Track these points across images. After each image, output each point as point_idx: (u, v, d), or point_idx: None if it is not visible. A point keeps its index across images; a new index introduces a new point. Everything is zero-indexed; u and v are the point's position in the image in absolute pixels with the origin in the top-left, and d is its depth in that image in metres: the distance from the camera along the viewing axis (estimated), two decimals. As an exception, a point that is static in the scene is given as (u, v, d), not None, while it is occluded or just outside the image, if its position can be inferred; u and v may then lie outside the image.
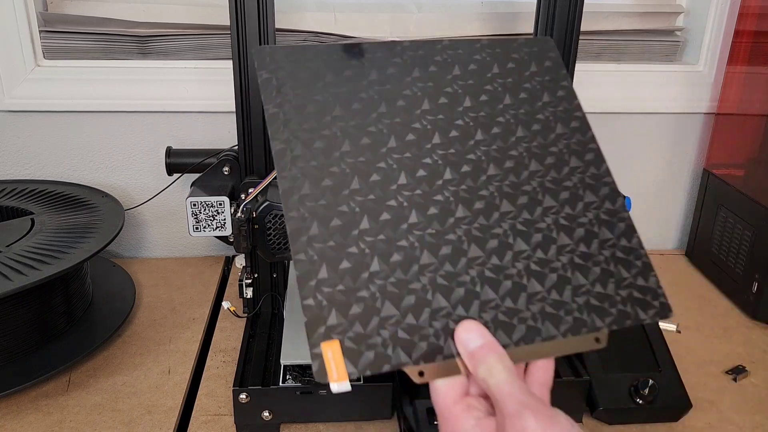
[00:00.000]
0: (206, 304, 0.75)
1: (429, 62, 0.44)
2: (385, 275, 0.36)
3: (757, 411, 0.60)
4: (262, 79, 0.41)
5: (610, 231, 0.40)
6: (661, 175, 0.92)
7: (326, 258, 0.35)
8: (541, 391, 0.37)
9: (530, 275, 0.37)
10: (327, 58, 0.43)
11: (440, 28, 0.84)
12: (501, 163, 0.41)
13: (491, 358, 0.34)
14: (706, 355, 0.69)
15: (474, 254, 0.37)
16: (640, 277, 0.39)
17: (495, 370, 0.34)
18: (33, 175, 0.83)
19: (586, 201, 0.41)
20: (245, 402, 0.54)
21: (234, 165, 0.66)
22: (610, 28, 0.86)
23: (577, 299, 0.37)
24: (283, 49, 0.42)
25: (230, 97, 0.63)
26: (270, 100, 0.41)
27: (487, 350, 0.34)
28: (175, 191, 0.81)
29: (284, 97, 0.41)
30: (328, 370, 0.33)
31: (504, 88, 0.44)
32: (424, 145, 0.40)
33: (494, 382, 0.34)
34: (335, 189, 0.38)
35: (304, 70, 0.42)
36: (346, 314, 0.34)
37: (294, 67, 0.42)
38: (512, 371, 0.34)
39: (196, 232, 0.63)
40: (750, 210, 0.76)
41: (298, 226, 0.36)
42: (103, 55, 0.81)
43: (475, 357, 0.34)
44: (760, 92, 0.77)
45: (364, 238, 0.36)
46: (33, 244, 0.63)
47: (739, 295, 0.78)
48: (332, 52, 0.43)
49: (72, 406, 0.58)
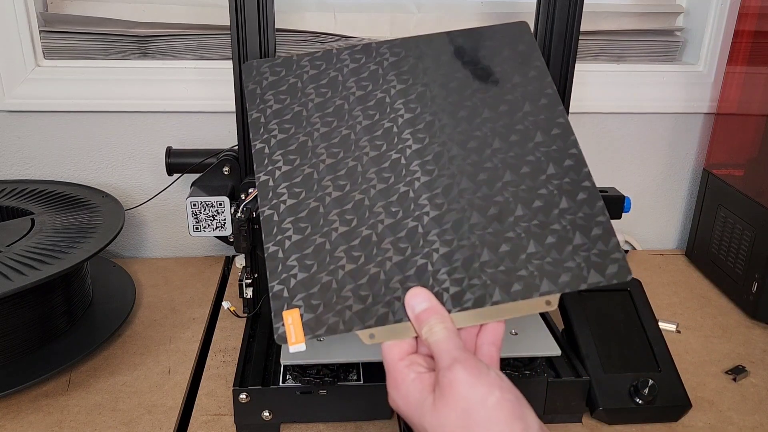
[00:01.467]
0: (206, 304, 0.75)
1: (403, 63, 0.47)
2: (346, 258, 0.40)
3: (757, 411, 0.60)
4: (248, 90, 0.47)
5: (570, 200, 0.42)
6: (661, 176, 0.92)
7: (294, 246, 0.41)
8: (490, 350, 0.40)
9: (484, 245, 0.41)
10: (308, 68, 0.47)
11: (440, 27, 0.84)
12: (464, 144, 0.44)
13: (433, 318, 0.38)
14: (705, 355, 0.69)
15: (429, 231, 0.41)
16: (600, 242, 0.40)
17: (435, 329, 0.38)
18: (33, 175, 0.83)
19: (548, 173, 0.43)
20: (245, 402, 0.54)
21: (234, 165, 0.66)
22: (609, 28, 0.86)
23: (529, 265, 0.40)
24: (266, 61, 0.48)
25: (230, 97, 0.63)
26: (253, 107, 0.46)
27: (430, 312, 0.39)
28: (175, 191, 0.81)
29: (266, 104, 0.46)
30: (288, 335, 0.39)
31: (474, 74, 0.47)
32: (393, 140, 0.44)
33: (434, 339, 0.38)
34: (307, 185, 0.43)
35: (284, 80, 0.47)
36: (307, 290, 0.40)
37: (276, 78, 0.47)
38: (451, 330, 0.38)
39: (197, 232, 0.63)
40: (750, 210, 0.76)
41: (271, 219, 0.42)
42: (103, 55, 0.81)
43: (419, 319, 0.39)
44: (760, 92, 0.77)
45: (331, 227, 0.41)
46: (33, 244, 0.63)
47: (739, 295, 0.78)
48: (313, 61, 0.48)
49: (72, 406, 0.58)
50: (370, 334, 0.39)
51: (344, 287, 0.40)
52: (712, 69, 0.87)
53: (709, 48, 0.86)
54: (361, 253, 0.41)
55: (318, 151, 0.44)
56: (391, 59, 0.47)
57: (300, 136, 0.44)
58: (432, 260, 0.40)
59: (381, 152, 0.44)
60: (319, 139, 0.44)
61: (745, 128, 0.79)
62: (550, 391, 0.57)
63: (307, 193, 0.42)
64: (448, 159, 0.43)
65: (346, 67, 0.47)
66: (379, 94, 0.46)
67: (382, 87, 0.46)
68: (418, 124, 0.45)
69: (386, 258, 0.40)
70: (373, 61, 0.47)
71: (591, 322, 0.62)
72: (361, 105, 0.45)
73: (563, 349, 0.59)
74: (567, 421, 0.58)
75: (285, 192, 0.43)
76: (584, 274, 0.40)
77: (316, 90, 0.46)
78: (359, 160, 0.43)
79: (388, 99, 0.45)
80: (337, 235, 0.41)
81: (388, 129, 0.44)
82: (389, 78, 0.46)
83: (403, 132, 0.44)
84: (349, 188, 0.42)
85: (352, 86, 0.46)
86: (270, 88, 0.47)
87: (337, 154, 0.44)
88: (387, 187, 0.43)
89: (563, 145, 0.43)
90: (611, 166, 0.91)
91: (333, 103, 0.46)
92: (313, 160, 0.44)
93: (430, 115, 0.45)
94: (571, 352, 0.61)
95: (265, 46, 0.60)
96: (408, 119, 0.45)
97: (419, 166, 0.43)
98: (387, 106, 0.45)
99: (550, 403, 0.57)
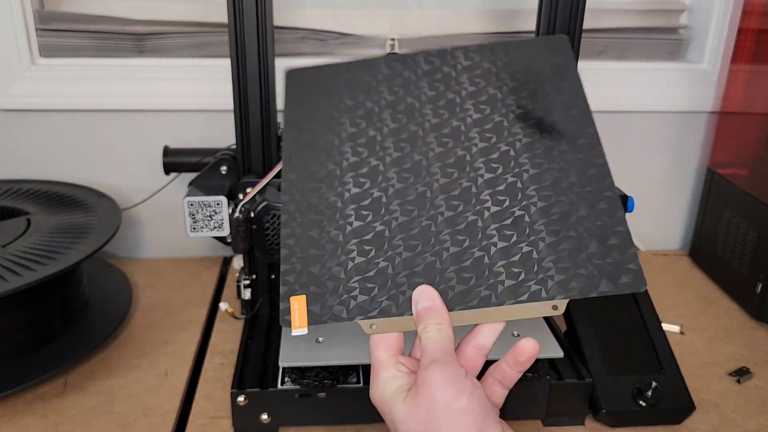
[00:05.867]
0: (203, 306, 0.75)
1: (437, 71, 0.49)
2: (357, 251, 0.42)
3: (761, 413, 0.60)
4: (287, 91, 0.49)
5: (590, 208, 0.42)
6: (665, 175, 0.92)
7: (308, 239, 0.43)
8: (474, 353, 0.41)
9: (495, 248, 0.41)
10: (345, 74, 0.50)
11: (441, 24, 0.83)
12: (486, 153, 0.45)
13: (430, 318, 0.39)
14: (709, 357, 0.68)
15: (442, 231, 0.42)
16: (616, 251, 0.40)
17: (429, 328, 0.39)
18: (29, 175, 0.83)
19: (571, 181, 0.43)
20: (243, 404, 0.54)
21: (232, 164, 0.66)
22: (613, 25, 0.85)
23: (539, 269, 0.40)
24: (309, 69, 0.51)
25: (228, 95, 0.62)
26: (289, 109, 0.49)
27: (430, 311, 0.39)
28: (172, 191, 0.80)
29: (301, 105, 0.49)
30: (292, 318, 0.40)
31: (507, 87, 0.47)
32: (417, 142, 0.46)
33: (425, 337, 0.39)
34: (329, 181, 0.45)
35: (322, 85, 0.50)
36: (316, 279, 0.41)
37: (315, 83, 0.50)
38: (443, 333, 0.38)
39: (194, 232, 0.62)
40: (755, 210, 0.75)
41: (290, 211, 0.44)
42: (99, 53, 0.80)
43: (419, 315, 0.40)
44: (765, 90, 0.76)
45: (346, 221, 0.43)
46: (29, 244, 0.62)
47: (744, 296, 0.77)
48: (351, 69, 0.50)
49: (68, 409, 0.57)
50: (372, 324, 0.40)
51: (352, 278, 0.41)
52: (716, 67, 0.86)
53: (713, 46, 0.86)
54: (372, 247, 0.42)
55: (343, 150, 0.46)
56: (425, 67, 0.49)
57: (327, 135, 0.47)
58: (442, 258, 0.41)
59: (404, 154, 0.45)
60: (346, 138, 0.47)
61: (750, 127, 0.79)
62: (552, 394, 0.56)
63: (328, 188, 0.45)
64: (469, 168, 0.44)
65: (381, 73, 0.49)
66: (409, 99, 0.48)
67: (413, 93, 0.48)
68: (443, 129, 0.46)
69: (396, 254, 0.42)
70: (410, 69, 0.49)
71: (594, 323, 0.62)
72: (390, 109, 0.47)
73: (566, 350, 0.59)
74: (570, 423, 0.58)
75: (307, 187, 0.45)
76: (596, 282, 0.39)
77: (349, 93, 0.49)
78: (382, 160, 0.45)
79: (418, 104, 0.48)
80: (350, 229, 0.43)
81: (414, 132, 0.46)
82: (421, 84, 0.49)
83: (428, 135, 0.46)
84: (369, 186, 0.44)
85: (384, 91, 0.48)
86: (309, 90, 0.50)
87: (361, 153, 0.46)
88: (405, 187, 0.44)
89: (589, 155, 0.44)
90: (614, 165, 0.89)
91: (363, 105, 0.48)
92: (338, 157, 0.46)
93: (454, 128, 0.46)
94: (573, 353, 0.60)
95: (264, 44, 0.60)
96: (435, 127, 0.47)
97: (439, 169, 0.44)
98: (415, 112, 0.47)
99: (553, 405, 0.57)
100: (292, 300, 0.41)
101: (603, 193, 0.42)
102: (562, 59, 0.48)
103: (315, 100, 0.49)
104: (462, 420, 0.36)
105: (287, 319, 0.40)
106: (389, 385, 0.39)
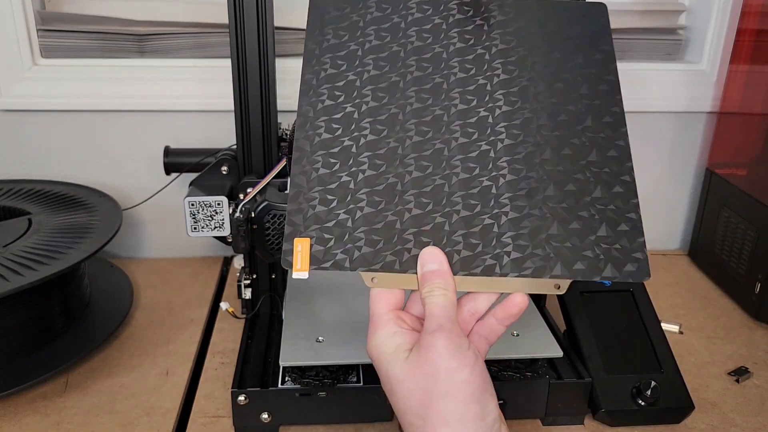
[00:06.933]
0: (204, 305, 0.75)
1: (469, 23, 0.47)
2: (366, 201, 0.41)
3: (760, 412, 0.60)
4: (309, 17, 0.47)
5: (605, 190, 0.41)
6: (664, 175, 0.92)
7: (320, 178, 0.41)
8: (468, 316, 0.41)
9: (506, 218, 0.40)
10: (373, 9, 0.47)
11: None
12: (509, 117, 0.43)
13: (437, 281, 0.39)
14: (708, 357, 0.68)
15: (455, 192, 0.41)
16: (625, 238, 0.40)
17: (435, 292, 0.38)
18: (30, 175, 0.83)
19: (589, 159, 0.42)
20: (244, 404, 0.54)
21: (232, 164, 0.66)
22: (612, 26, 0.85)
23: (547, 246, 0.40)
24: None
25: (229, 95, 0.62)
26: (312, 38, 0.46)
27: (436, 275, 0.39)
28: (173, 191, 0.80)
29: (324, 37, 0.46)
30: (294, 260, 0.39)
31: (539, 50, 0.46)
32: (440, 96, 0.44)
33: (430, 301, 0.38)
34: (345, 124, 0.43)
35: (347, 17, 0.47)
36: (322, 223, 0.40)
37: (339, 14, 0.47)
38: (449, 299, 0.38)
39: (195, 232, 0.62)
40: (753, 210, 0.76)
41: (303, 149, 0.42)
42: (100, 54, 0.80)
43: (425, 278, 0.39)
44: (763, 91, 0.77)
45: (359, 168, 0.42)
46: (30, 244, 0.63)
47: (742, 296, 0.77)
48: (380, 6, 0.48)
49: (69, 408, 0.58)
50: (373, 277, 0.40)
51: (358, 228, 0.40)
52: (714, 67, 0.86)
53: (712, 46, 0.86)
54: (383, 199, 0.41)
55: (363, 92, 0.44)
56: (457, 16, 0.47)
57: (350, 74, 0.45)
58: (451, 221, 0.40)
59: (425, 105, 0.44)
60: (368, 81, 0.45)
61: (748, 127, 0.79)
62: (551, 393, 0.56)
63: (344, 130, 0.43)
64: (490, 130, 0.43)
65: (411, 15, 0.47)
66: (437, 48, 0.46)
67: (442, 42, 0.46)
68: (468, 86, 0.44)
69: (406, 209, 0.41)
70: (439, 15, 0.47)
71: (593, 323, 0.62)
72: (416, 56, 0.45)
73: (565, 350, 0.59)
74: (569, 423, 0.58)
75: (323, 125, 0.43)
76: (601, 266, 0.39)
77: (376, 33, 0.46)
78: (402, 109, 0.43)
79: (446, 55, 0.46)
80: (362, 177, 0.41)
81: (438, 84, 0.44)
82: (451, 35, 0.46)
83: (452, 89, 0.44)
84: (386, 134, 0.43)
85: (412, 35, 0.46)
86: (331, 23, 0.47)
87: (381, 99, 0.44)
88: (423, 141, 0.43)
89: (612, 135, 0.43)
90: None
91: (389, 48, 0.46)
92: (357, 100, 0.44)
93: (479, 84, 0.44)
94: (573, 353, 0.60)
95: (264, 44, 0.60)
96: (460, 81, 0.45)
97: (459, 127, 0.43)
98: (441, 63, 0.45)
99: (552, 404, 0.57)
100: (296, 242, 0.40)
101: (621, 176, 0.42)
102: (597, 28, 0.47)
103: (339, 34, 0.46)
104: (461, 392, 0.36)
105: (289, 260, 0.39)
106: (389, 341, 0.39)
